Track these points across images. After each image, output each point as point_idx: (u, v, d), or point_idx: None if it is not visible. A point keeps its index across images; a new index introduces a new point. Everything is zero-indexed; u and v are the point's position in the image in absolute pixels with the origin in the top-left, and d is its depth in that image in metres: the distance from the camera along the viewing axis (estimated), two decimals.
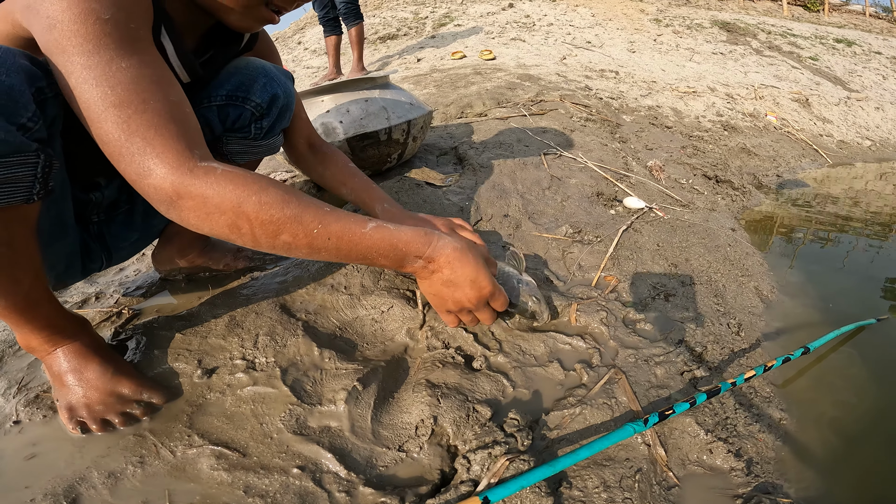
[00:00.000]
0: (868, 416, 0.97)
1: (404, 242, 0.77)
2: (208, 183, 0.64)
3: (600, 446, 0.67)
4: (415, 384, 0.84)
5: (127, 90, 0.63)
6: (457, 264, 0.80)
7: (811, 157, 3.36)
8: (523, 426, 0.76)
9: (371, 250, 0.74)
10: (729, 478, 0.75)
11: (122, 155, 0.63)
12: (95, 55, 0.61)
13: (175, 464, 0.72)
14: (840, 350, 1.17)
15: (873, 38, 7.34)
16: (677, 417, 0.82)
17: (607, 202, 1.65)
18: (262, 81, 0.99)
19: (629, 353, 0.94)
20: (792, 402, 0.97)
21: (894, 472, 0.84)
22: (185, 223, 0.67)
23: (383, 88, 1.61)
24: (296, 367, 0.88)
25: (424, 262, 0.80)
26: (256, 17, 0.82)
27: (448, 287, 0.82)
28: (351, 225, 0.72)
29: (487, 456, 0.70)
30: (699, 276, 1.33)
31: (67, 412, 0.79)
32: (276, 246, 0.69)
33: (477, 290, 0.81)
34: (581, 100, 3.10)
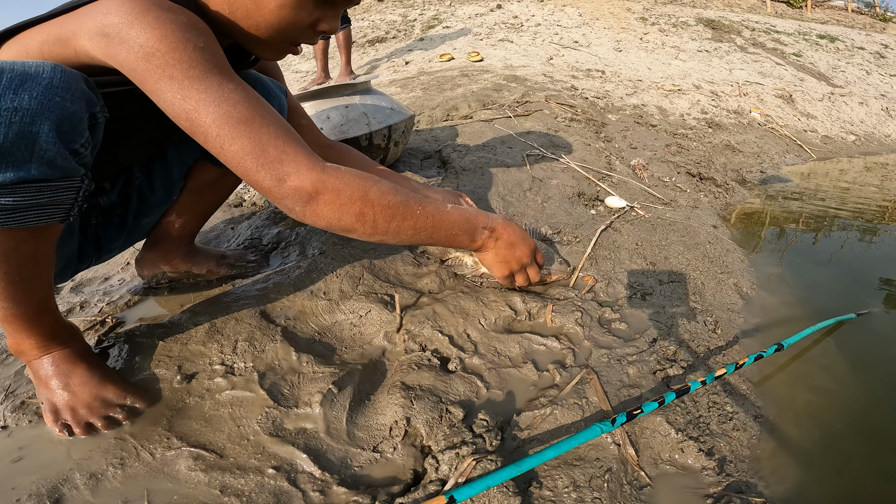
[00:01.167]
0: (846, 413, 0.97)
1: (473, 216, 0.91)
2: (340, 178, 0.74)
3: (567, 446, 0.68)
4: (390, 386, 0.85)
5: (247, 108, 0.69)
6: (510, 228, 0.96)
7: (795, 153, 3.40)
8: (492, 427, 0.77)
9: (455, 226, 0.86)
10: (700, 477, 0.76)
11: (260, 166, 0.69)
12: (206, 79, 0.67)
13: (154, 465, 0.74)
14: (819, 346, 1.18)
15: (856, 33, 7.42)
16: (648, 416, 0.83)
17: (588, 202, 1.67)
18: (264, 93, 1.03)
19: (603, 352, 0.95)
20: (769, 400, 0.98)
21: (870, 470, 0.85)
22: (319, 217, 0.74)
23: (364, 94, 1.62)
24: (273, 372, 0.89)
25: (489, 231, 0.93)
26: (279, 51, 0.85)
27: (510, 248, 0.96)
28: (438, 205, 0.85)
29: (455, 456, 0.71)
30: (678, 275, 1.35)
31: (52, 415, 0.81)
32: (389, 230, 0.79)
33: (529, 245, 0.99)
34: (566, 100, 3.12)
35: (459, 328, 0.98)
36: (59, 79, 0.61)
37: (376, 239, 0.80)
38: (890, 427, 0.95)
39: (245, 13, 0.76)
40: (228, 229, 1.50)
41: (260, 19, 0.76)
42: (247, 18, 0.77)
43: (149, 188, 1.01)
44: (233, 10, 0.77)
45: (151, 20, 0.64)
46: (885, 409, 0.99)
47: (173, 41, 0.65)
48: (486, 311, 1.02)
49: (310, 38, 0.83)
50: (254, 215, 1.58)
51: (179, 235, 1.15)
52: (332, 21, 0.81)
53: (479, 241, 0.92)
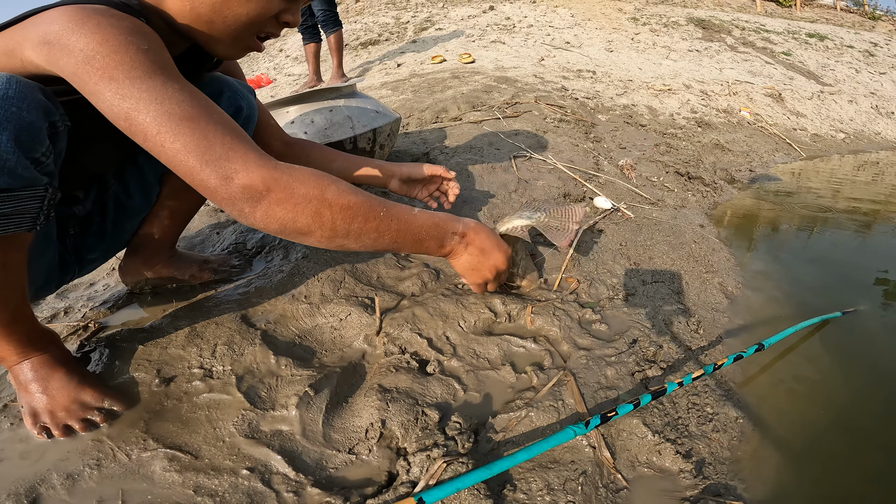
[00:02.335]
0: (829, 414, 0.97)
1: (443, 220, 0.88)
2: (293, 176, 0.70)
3: (539, 449, 0.68)
4: (368, 389, 0.86)
5: (192, 105, 0.67)
6: (482, 234, 0.93)
7: (784, 151, 3.41)
8: (466, 429, 0.77)
9: (422, 230, 0.83)
10: (678, 480, 0.76)
11: (204, 164, 0.66)
12: (149, 79, 0.65)
13: (130, 466, 0.75)
14: (803, 346, 1.18)
15: (845, 32, 7.46)
16: (625, 419, 0.83)
17: (574, 203, 1.67)
18: (227, 94, 1.02)
19: (581, 354, 0.95)
20: (751, 400, 0.97)
21: (853, 471, 0.85)
22: (270, 218, 0.70)
23: (349, 97, 1.62)
24: (252, 375, 0.90)
25: (460, 237, 0.90)
26: (244, 47, 0.83)
27: (483, 255, 0.93)
28: (404, 208, 0.82)
29: (426, 458, 0.71)
30: (661, 275, 1.36)
31: (31, 418, 0.82)
32: (350, 232, 0.75)
33: (503, 250, 0.96)
34: (556, 101, 3.13)
35: (439, 331, 0.99)
36: (13, 90, 0.61)
37: (336, 244, 0.77)
38: (872, 427, 0.95)
39: (211, 8, 0.75)
40: (214, 234, 1.50)
41: (228, 12, 0.75)
42: (213, 13, 0.76)
43: (125, 194, 1.00)
44: (195, 7, 0.75)
45: (92, 26, 0.64)
46: (869, 410, 0.99)
47: (114, 44, 0.64)
48: (465, 313, 1.02)
49: (274, 29, 0.82)
50: (235, 221, 1.58)
51: (160, 241, 1.14)
52: (295, 13, 0.81)
53: (449, 246, 0.90)
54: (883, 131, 4.36)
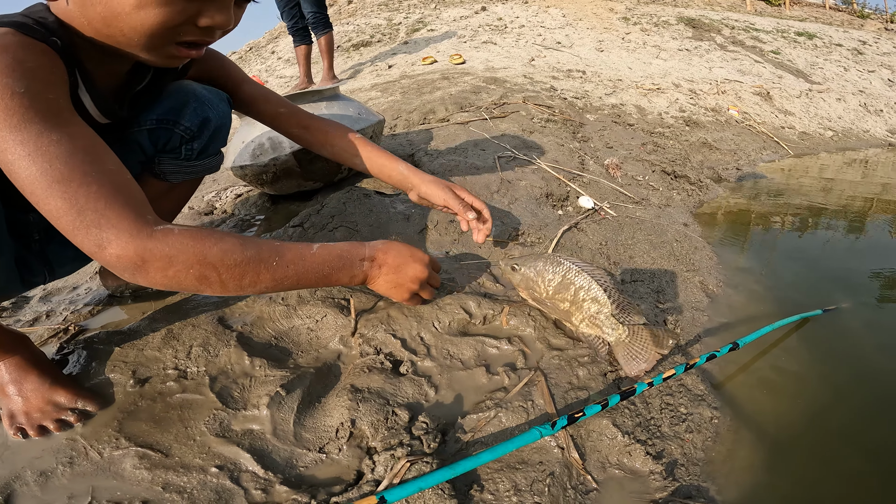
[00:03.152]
0: (805, 415, 0.97)
1: (347, 250, 0.86)
2: (169, 243, 0.67)
3: (504, 450, 0.69)
4: (340, 389, 0.86)
5: (66, 164, 0.63)
6: (393, 251, 0.92)
7: (772, 150, 3.43)
8: (432, 429, 0.78)
9: (325, 266, 0.82)
10: (648, 481, 0.77)
11: (76, 229, 0.64)
12: (23, 130, 0.62)
13: (101, 464, 0.77)
14: (781, 345, 1.18)
15: (833, 30, 7.50)
16: (595, 419, 0.83)
17: (556, 203, 1.68)
18: (192, 106, 1.01)
19: (554, 354, 0.96)
20: (726, 401, 0.97)
21: (828, 473, 0.85)
22: (154, 285, 0.69)
23: (331, 100, 1.63)
24: (225, 375, 0.91)
25: (370, 261, 0.89)
26: (168, 55, 0.75)
27: (399, 272, 0.92)
28: (301, 249, 0.80)
29: (391, 457, 0.72)
30: (641, 274, 1.36)
31: (8, 419, 0.85)
32: (243, 286, 0.74)
33: (419, 260, 0.95)
34: (544, 101, 3.14)
35: (413, 331, 0.99)
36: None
37: (235, 294, 0.77)
38: (849, 428, 0.95)
39: (104, 22, 0.68)
40: None
41: (122, 26, 0.67)
42: (108, 27, 0.68)
43: None
44: (91, 23, 0.69)
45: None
46: (846, 410, 1.00)
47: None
48: (440, 314, 1.03)
49: (196, 35, 0.73)
50: (223, 223, 1.58)
51: None
52: (216, 14, 0.71)
53: (361, 274, 0.88)
54: (871, 129, 4.39)
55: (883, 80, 5.66)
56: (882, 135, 4.32)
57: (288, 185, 1.63)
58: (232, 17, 0.74)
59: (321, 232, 1.31)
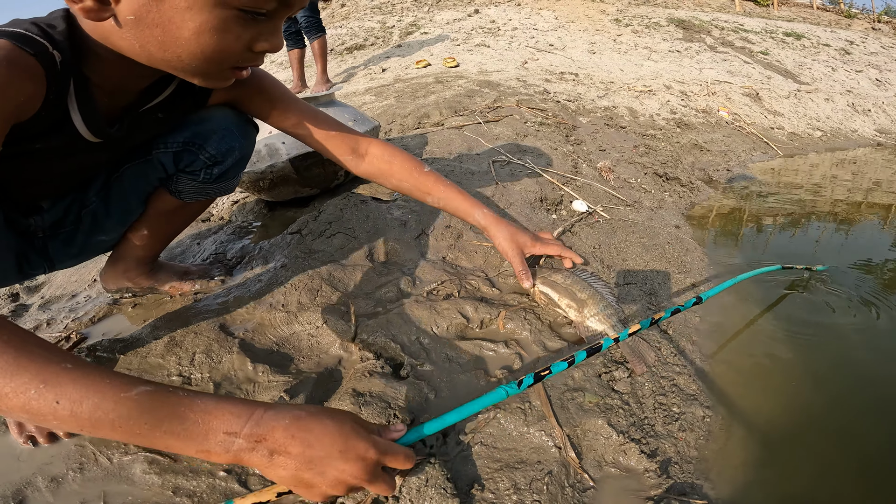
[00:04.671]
0: (796, 412, 1.00)
1: (202, 411, 0.55)
2: None
3: (470, 410, 0.70)
4: (342, 393, 0.88)
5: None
6: (308, 435, 0.58)
7: (762, 150, 3.48)
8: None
9: (140, 422, 0.53)
10: (643, 479, 0.79)
11: None
12: None
13: (111, 469, 0.79)
14: (774, 344, 1.21)
15: (821, 30, 7.60)
16: (591, 419, 0.86)
17: (550, 206, 1.71)
18: (220, 135, 1.00)
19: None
20: (718, 400, 1.00)
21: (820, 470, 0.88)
22: None
23: (326, 106, 1.65)
24: (229, 381, 0.93)
25: (249, 441, 0.56)
26: (221, 78, 0.74)
27: (312, 469, 0.58)
28: (105, 386, 0.53)
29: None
30: (634, 276, 1.40)
31: (17, 427, 0.86)
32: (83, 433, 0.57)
33: (356, 459, 0.59)
34: (538, 104, 3.18)
35: (412, 336, 1.02)
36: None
37: None
38: (839, 426, 0.98)
39: (159, 47, 0.66)
40: (195, 244, 1.52)
41: (180, 51, 0.66)
42: (164, 52, 0.67)
43: (104, 212, 1.01)
44: (145, 46, 0.67)
45: None
46: (838, 409, 1.03)
47: None
48: (438, 319, 1.05)
49: (251, 60, 0.73)
50: (220, 230, 1.60)
51: (142, 256, 1.17)
52: (270, 38, 0.70)
53: (222, 453, 0.56)
54: (859, 129, 4.46)
55: (870, 79, 5.74)
56: (870, 134, 4.39)
57: (285, 191, 1.64)
58: (283, 39, 0.74)
59: (319, 238, 1.33)
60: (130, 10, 0.62)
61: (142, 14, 0.62)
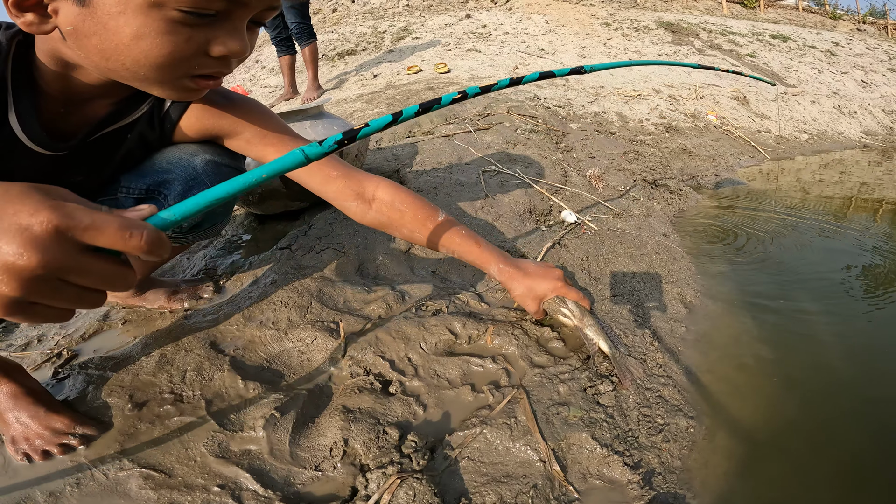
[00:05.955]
0: (778, 422, 1.02)
1: None
2: None
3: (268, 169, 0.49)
4: (332, 410, 0.90)
5: None
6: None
7: (749, 154, 3.52)
8: (421, 447, 0.82)
9: None
10: (626, 490, 0.81)
11: None
12: None
13: (108, 484, 0.81)
14: (757, 353, 1.23)
15: (807, 32, 7.68)
16: (574, 433, 0.87)
17: (540, 218, 1.73)
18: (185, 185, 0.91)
19: (536, 372, 1.00)
20: (701, 410, 1.01)
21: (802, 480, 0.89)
22: None
23: (315, 119, 1.66)
24: (221, 399, 0.94)
25: None
26: (184, 89, 0.70)
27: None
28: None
29: (382, 475, 0.77)
30: (621, 287, 1.41)
31: (11, 445, 0.89)
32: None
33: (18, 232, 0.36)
34: (528, 111, 3.20)
35: (401, 352, 1.03)
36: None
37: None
38: (823, 435, 0.99)
39: (101, 56, 0.63)
40: (184, 259, 1.53)
41: (123, 59, 0.62)
42: (107, 61, 0.63)
43: None
44: (89, 56, 0.64)
45: None
46: (821, 418, 1.04)
47: None
48: (427, 335, 1.07)
49: (212, 67, 0.67)
50: (210, 244, 1.61)
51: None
52: (228, 41, 0.65)
53: None
54: (846, 131, 4.51)
55: (856, 81, 5.81)
56: (856, 136, 4.45)
57: (274, 205, 1.66)
58: (247, 42, 0.67)
59: (309, 254, 1.34)
60: (68, 22, 0.61)
61: (78, 24, 0.60)
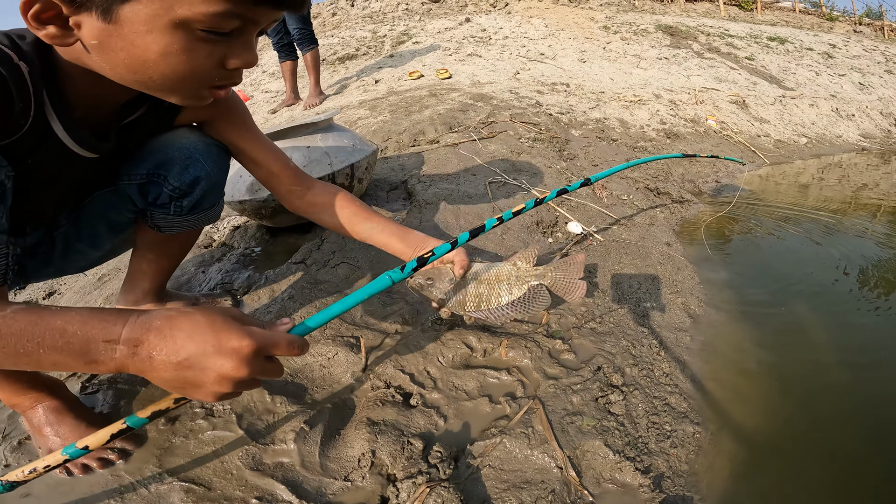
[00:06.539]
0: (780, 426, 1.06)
1: (78, 323, 0.56)
2: None
3: (357, 299, 0.74)
4: (357, 422, 0.95)
5: None
6: (181, 333, 0.58)
7: (749, 159, 3.57)
8: (446, 457, 0.88)
9: (22, 338, 0.54)
10: (638, 494, 0.86)
11: None
12: None
13: (150, 498, 0.85)
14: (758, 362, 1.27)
15: (804, 34, 7.75)
16: (588, 440, 0.93)
17: (547, 229, 1.78)
18: (182, 164, 0.97)
19: (550, 383, 1.05)
20: (707, 417, 1.07)
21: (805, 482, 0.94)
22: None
23: (326, 131, 1.70)
24: (250, 413, 0.99)
25: (128, 347, 0.57)
26: (199, 97, 0.75)
27: (191, 368, 0.57)
28: None
29: (412, 485, 0.82)
30: (628, 299, 1.46)
31: None
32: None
33: (231, 352, 0.58)
34: (531, 118, 3.25)
35: (420, 366, 1.08)
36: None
37: None
38: (823, 440, 1.04)
39: (128, 69, 0.66)
40: (199, 272, 1.58)
41: (150, 73, 0.66)
42: (134, 74, 0.67)
43: (75, 235, 1.02)
44: (115, 69, 0.67)
45: None
46: (821, 423, 1.09)
47: None
48: (444, 349, 1.12)
49: (227, 79, 0.73)
50: (224, 257, 1.65)
51: (148, 287, 1.22)
52: (242, 54, 0.69)
53: (108, 361, 0.57)
54: (844, 134, 4.57)
55: (854, 83, 5.87)
56: (854, 139, 4.50)
57: (286, 218, 1.70)
58: (256, 54, 0.72)
59: (324, 268, 1.39)
60: (92, 36, 0.63)
61: (104, 39, 0.63)
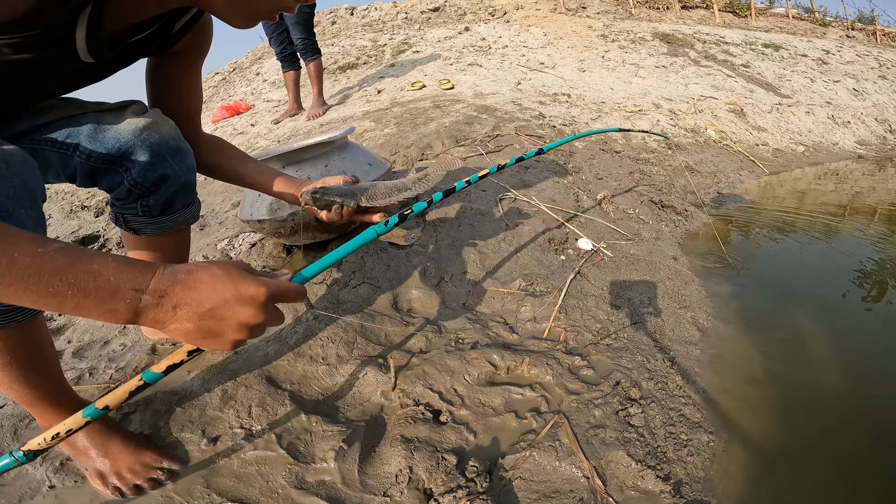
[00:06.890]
0: (790, 433, 1.12)
1: (113, 269, 0.55)
2: None
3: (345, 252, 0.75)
4: (391, 439, 1.00)
5: None
6: (204, 285, 0.59)
7: (749, 169, 3.64)
8: (482, 471, 0.93)
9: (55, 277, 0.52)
10: (660, 500, 0.92)
11: None
12: None
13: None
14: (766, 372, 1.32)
15: (798, 40, 7.86)
16: (612, 451, 0.99)
17: (558, 246, 1.83)
18: (147, 159, 0.95)
19: (572, 398, 1.11)
20: (719, 426, 1.13)
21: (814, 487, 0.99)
22: None
23: (342, 150, 1.74)
24: (288, 432, 1.03)
25: (154, 297, 0.57)
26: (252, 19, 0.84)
27: (214, 317, 0.59)
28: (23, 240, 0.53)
29: (453, 499, 0.87)
30: (640, 314, 1.51)
31: (100, 480, 0.93)
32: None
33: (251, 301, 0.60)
34: (535, 130, 3.31)
35: (447, 384, 1.13)
36: None
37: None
38: (833, 444, 1.09)
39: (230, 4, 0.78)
40: None
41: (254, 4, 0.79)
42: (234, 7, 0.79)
43: None
44: None
45: None
46: (829, 429, 1.14)
47: None
48: (469, 368, 1.17)
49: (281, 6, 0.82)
50: None
51: None
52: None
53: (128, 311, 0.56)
54: (840, 141, 4.64)
55: (848, 89, 5.96)
56: (851, 147, 4.57)
57: (304, 236, 1.75)
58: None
59: (345, 289, 1.43)
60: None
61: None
